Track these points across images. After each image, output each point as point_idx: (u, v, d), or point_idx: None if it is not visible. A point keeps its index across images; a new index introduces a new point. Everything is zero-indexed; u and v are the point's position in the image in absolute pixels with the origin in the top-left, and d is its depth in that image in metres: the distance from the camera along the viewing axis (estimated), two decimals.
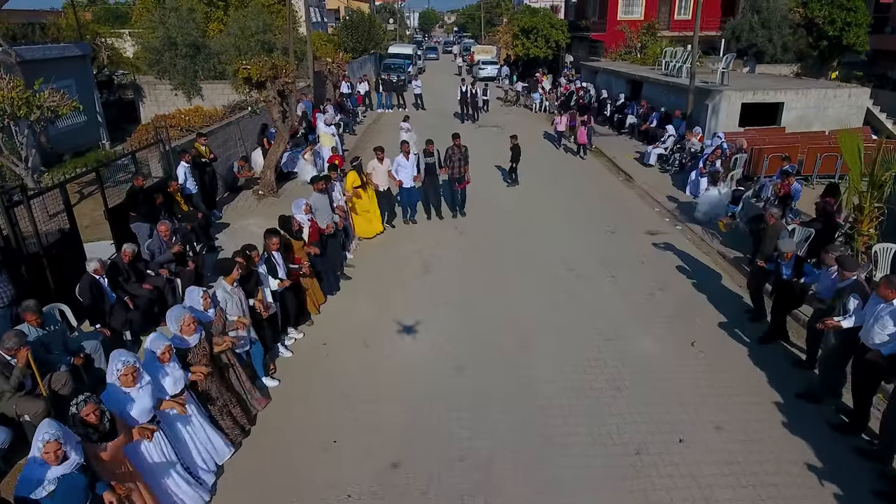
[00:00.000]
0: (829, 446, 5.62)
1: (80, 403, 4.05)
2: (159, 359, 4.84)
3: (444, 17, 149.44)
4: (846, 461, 5.44)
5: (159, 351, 4.84)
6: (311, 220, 8.31)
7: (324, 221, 8.81)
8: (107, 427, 4.16)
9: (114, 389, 4.50)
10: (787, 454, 5.56)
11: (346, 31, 37.04)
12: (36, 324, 5.89)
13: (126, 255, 7.43)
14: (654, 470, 5.39)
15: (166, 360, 4.88)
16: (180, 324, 5.19)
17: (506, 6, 61.58)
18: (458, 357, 7.22)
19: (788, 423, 5.95)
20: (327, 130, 15.94)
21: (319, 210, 8.75)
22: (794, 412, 6.10)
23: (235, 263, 6.13)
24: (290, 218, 7.84)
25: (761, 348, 7.27)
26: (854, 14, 22.69)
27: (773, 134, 15.64)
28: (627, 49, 30.80)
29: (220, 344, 5.60)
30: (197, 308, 5.61)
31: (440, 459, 5.58)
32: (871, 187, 8.04)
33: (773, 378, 6.68)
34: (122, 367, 4.44)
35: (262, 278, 6.78)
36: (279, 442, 5.83)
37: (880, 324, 5.28)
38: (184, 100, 22.29)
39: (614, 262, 9.97)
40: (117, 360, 4.49)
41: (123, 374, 4.44)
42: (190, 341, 5.25)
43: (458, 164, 11.51)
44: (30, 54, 16.35)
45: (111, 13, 44.82)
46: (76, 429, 4.00)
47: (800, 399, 6.28)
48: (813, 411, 6.11)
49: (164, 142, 11.07)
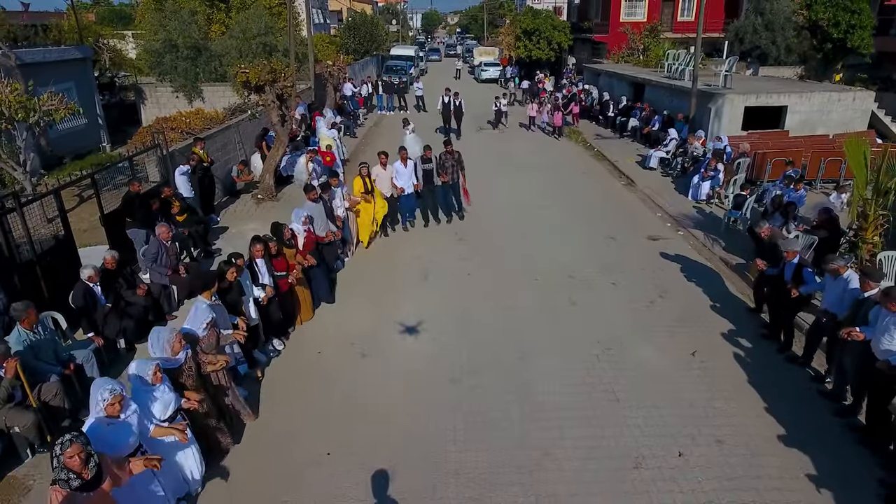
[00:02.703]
0: (834, 460, 5.50)
1: (64, 443, 3.57)
2: (151, 380, 4.58)
3: (447, 18, 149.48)
4: (851, 474, 5.32)
5: (149, 373, 4.56)
6: (308, 230, 8.12)
7: (321, 230, 8.69)
8: (92, 472, 3.68)
9: (98, 424, 4.14)
10: (789, 469, 5.44)
11: (348, 32, 37.06)
12: (29, 326, 5.83)
13: (108, 262, 7.31)
14: (653, 485, 5.29)
15: (159, 380, 4.63)
16: (170, 345, 4.92)
17: (508, 7, 61.54)
18: (455, 367, 7.12)
19: (791, 437, 5.83)
20: (328, 133, 15.87)
21: (316, 219, 8.58)
22: (796, 425, 5.98)
23: (213, 279, 5.92)
24: (282, 225, 7.67)
25: (764, 359, 7.15)
26: (858, 16, 22.53)
27: (777, 138, 15.52)
28: (630, 51, 30.70)
29: (215, 363, 5.37)
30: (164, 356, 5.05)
31: (435, 472, 5.48)
32: (876, 194, 7.91)
33: (777, 390, 6.56)
34: (110, 395, 4.11)
35: (244, 289, 6.61)
36: (271, 453, 5.74)
37: (888, 335, 5.25)
38: (185, 102, 22.31)
39: (615, 268, 9.87)
40: (102, 389, 4.14)
41: (110, 403, 4.12)
42: (177, 360, 5.00)
43: (453, 170, 11.41)
44: (30, 57, 16.36)
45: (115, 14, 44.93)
46: (59, 472, 3.59)
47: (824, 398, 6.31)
48: (816, 424, 6.00)
49: (162, 146, 11.01)
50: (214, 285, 5.93)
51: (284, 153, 13.82)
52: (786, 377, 6.80)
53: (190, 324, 5.49)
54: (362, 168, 10.32)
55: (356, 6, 55.63)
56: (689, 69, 19.41)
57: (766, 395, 6.49)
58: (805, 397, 6.44)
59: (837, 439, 5.81)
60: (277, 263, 7.32)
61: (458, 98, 20.39)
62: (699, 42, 17.68)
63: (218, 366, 5.38)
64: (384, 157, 10.84)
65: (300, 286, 7.81)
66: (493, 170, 16.38)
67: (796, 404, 6.32)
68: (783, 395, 6.48)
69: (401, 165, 11.03)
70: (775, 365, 7.05)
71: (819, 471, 5.39)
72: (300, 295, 7.87)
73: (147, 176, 11.04)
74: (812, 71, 25.78)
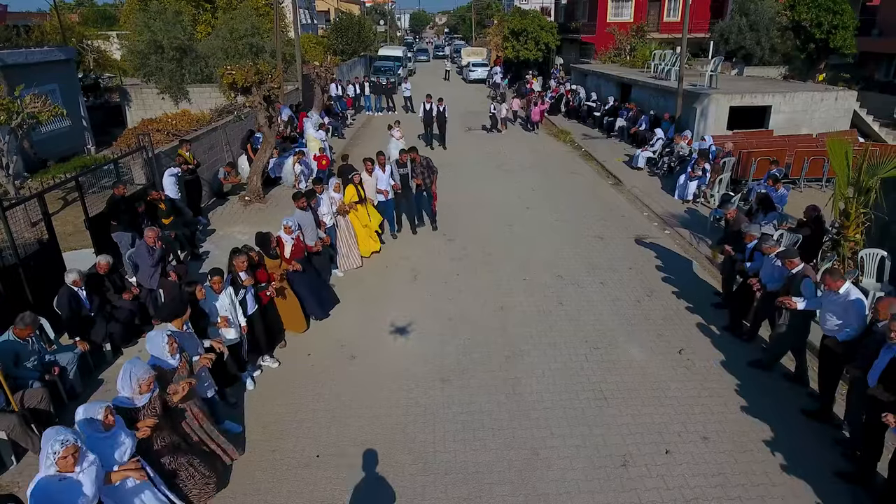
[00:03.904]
0: (819, 457, 5.59)
1: None
2: (103, 424, 4.06)
3: (435, 19, 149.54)
4: (834, 469, 5.40)
5: (99, 416, 4.03)
6: (297, 237, 7.78)
7: (311, 239, 8.38)
8: None
9: (47, 482, 3.63)
10: (775, 464, 5.52)
11: (335, 33, 36.92)
12: (21, 336, 5.78)
13: (101, 267, 7.26)
14: (641, 483, 5.33)
15: (112, 424, 4.09)
16: (139, 384, 4.39)
17: (496, 7, 61.64)
18: (444, 367, 7.14)
19: (776, 433, 5.91)
20: (316, 135, 15.81)
21: (305, 227, 8.24)
22: (781, 422, 6.07)
23: (184, 306, 5.35)
24: (267, 234, 7.29)
25: (749, 357, 7.22)
26: (841, 17, 22.78)
27: (762, 137, 15.68)
28: (617, 51, 30.89)
29: (178, 391, 4.69)
30: (162, 358, 4.78)
31: (426, 473, 5.49)
32: (858, 193, 8.04)
33: (761, 388, 6.65)
34: (61, 448, 3.60)
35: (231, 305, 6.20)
36: (260, 457, 5.72)
37: (831, 311, 5.77)
38: (171, 103, 22.09)
39: (603, 267, 9.93)
40: (53, 440, 3.62)
41: (62, 456, 3.61)
42: (139, 401, 4.43)
43: (425, 175, 11.10)
44: (11, 59, 16.13)
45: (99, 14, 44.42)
46: None
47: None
48: (801, 422, 6.08)
49: (148, 148, 10.92)
50: (185, 313, 5.34)
51: (272, 155, 13.76)
52: (770, 374, 6.89)
53: (158, 353, 4.86)
54: (354, 176, 9.93)
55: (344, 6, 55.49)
56: (676, 69, 19.58)
57: (751, 391, 6.57)
58: (791, 395, 6.52)
59: (822, 435, 5.89)
60: (258, 275, 6.87)
61: (442, 104, 19.03)
62: (685, 42, 17.83)
63: (182, 392, 4.72)
64: (370, 164, 10.42)
65: (283, 297, 7.39)
66: (481, 171, 16.44)
67: (782, 401, 6.40)
68: (768, 392, 6.57)
69: (379, 170, 10.63)
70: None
71: (804, 466, 5.47)
72: (285, 306, 7.46)
73: (133, 178, 10.94)
74: (796, 71, 26.08)
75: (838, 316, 5.69)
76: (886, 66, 27.28)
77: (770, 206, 9.74)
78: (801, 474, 5.39)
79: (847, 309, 5.60)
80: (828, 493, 5.18)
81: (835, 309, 5.72)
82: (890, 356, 4.79)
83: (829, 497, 5.14)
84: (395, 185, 10.80)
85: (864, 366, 5.08)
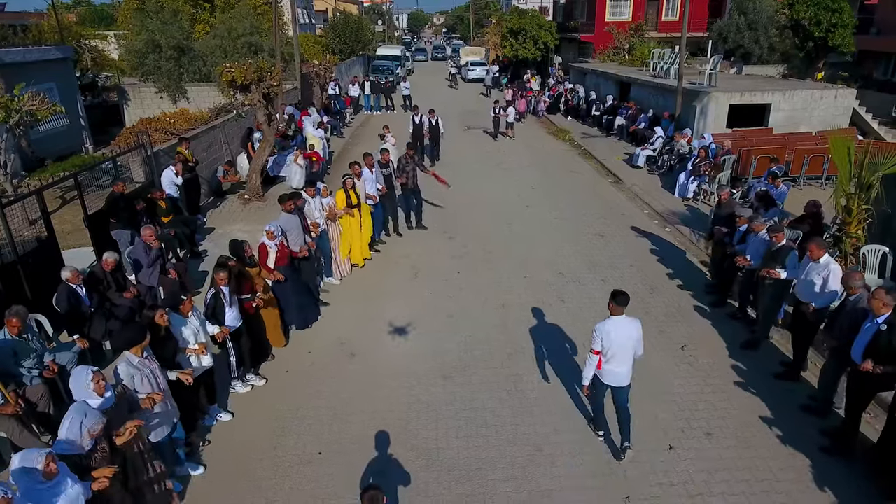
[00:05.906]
0: (823, 452, 5.57)
1: None
2: (44, 474, 3.59)
3: (434, 18, 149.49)
4: (838, 464, 5.38)
5: (39, 465, 3.56)
6: (281, 243, 7.37)
7: (296, 244, 7.84)
8: None
9: None
10: (778, 460, 5.50)
11: (333, 32, 36.86)
12: (15, 332, 5.72)
13: (108, 264, 7.23)
14: (645, 479, 5.31)
15: (54, 472, 3.63)
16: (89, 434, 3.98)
17: (494, 7, 61.65)
18: (446, 365, 7.11)
19: (779, 428, 5.90)
20: (316, 133, 15.78)
21: (291, 232, 7.78)
22: (784, 417, 6.05)
23: (142, 332, 4.77)
24: (241, 243, 6.76)
25: (752, 352, 7.21)
26: (839, 15, 22.81)
27: (761, 135, 15.69)
28: (616, 50, 30.89)
29: (123, 434, 4.24)
30: (88, 399, 4.20)
31: (428, 469, 5.47)
32: (859, 189, 8.04)
33: (763, 382, 6.63)
34: None
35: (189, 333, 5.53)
36: (262, 454, 5.69)
37: (809, 280, 6.23)
38: (169, 102, 22.04)
39: (604, 265, 9.91)
40: None
41: None
42: (85, 445, 3.98)
43: (412, 174, 10.91)
44: (9, 57, 16.08)
45: (96, 14, 44.32)
46: None
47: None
48: (803, 416, 6.07)
49: (146, 146, 10.88)
50: (145, 339, 4.75)
51: (272, 153, 13.72)
52: (774, 369, 6.87)
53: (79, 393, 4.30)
54: (346, 181, 9.32)
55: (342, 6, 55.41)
56: (675, 68, 19.56)
57: (754, 387, 6.55)
58: (794, 389, 6.51)
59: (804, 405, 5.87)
60: (243, 286, 6.49)
61: (435, 117, 16.61)
62: (684, 41, 17.81)
63: (127, 436, 4.26)
64: (357, 168, 9.94)
65: (267, 308, 6.96)
66: (481, 169, 16.42)
67: (785, 396, 6.39)
68: (771, 387, 6.55)
69: (366, 171, 10.14)
70: (763, 357, 7.12)
71: (808, 461, 5.45)
72: (266, 318, 7.03)
73: (132, 176, 10.90)
74: (795, 70, 26.11)
75: (817, 284, 6.16)
76: (885, 65, 27.31)
77: (770, 202, 9.72)
78: (805, 469, 5.37)
79: (826, 278, 6.11)
80: (833, 487, 5.16)
81: (814, 277, 6.20)
82: (874, 330, 5.04)
83: (834, 491, 5.12)
84: (381, 189, 10.42)
85: (842, 339, 5.43)
